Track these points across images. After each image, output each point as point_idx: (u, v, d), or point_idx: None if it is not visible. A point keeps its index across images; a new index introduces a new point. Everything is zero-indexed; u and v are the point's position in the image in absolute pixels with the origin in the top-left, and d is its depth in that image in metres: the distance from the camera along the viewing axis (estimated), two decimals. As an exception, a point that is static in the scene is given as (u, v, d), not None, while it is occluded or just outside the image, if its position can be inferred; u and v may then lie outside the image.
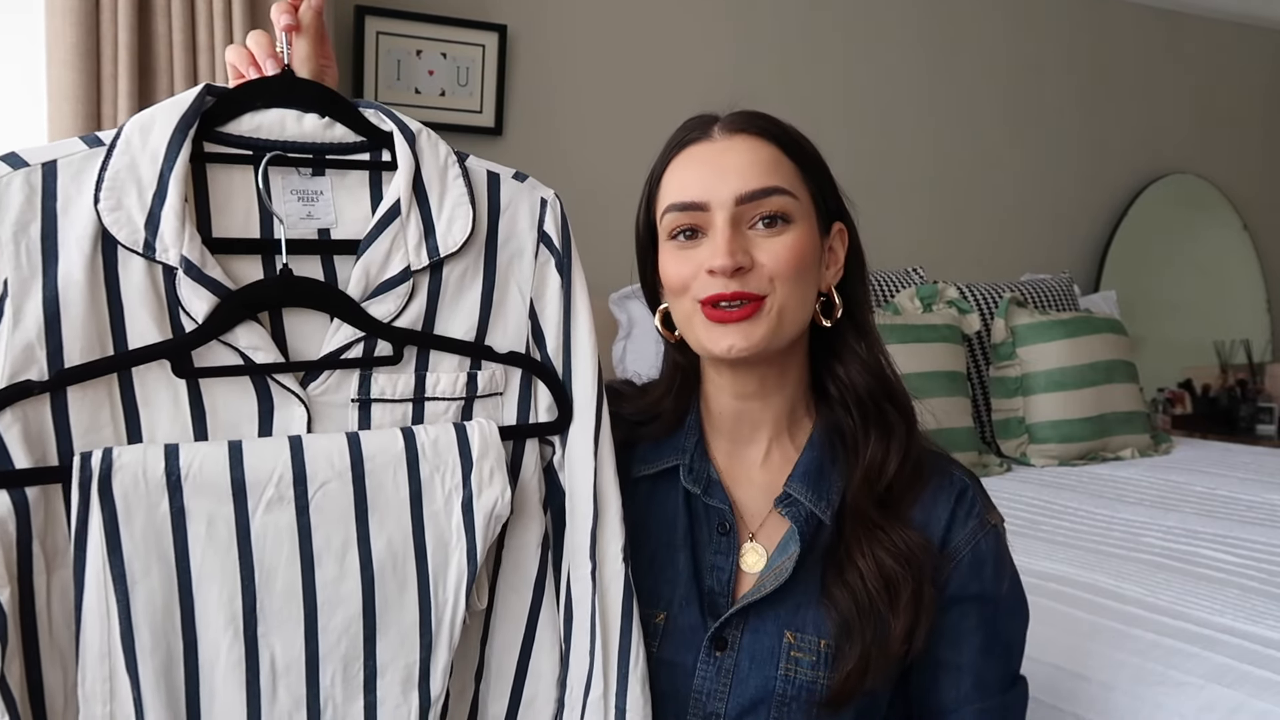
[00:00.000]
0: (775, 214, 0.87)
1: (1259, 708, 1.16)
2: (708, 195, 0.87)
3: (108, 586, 0.66)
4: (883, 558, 0.85)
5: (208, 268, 0.70)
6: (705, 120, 0.92)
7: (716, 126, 0.90)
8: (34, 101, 1.90)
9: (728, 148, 0.88)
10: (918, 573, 0.86)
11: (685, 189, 0.88)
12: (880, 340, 0.96)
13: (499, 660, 0.84)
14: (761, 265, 0.86)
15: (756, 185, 0.86)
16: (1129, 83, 3.58)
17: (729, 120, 0.91)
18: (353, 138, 0.79)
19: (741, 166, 0.87)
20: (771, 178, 0.87)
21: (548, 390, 0.83)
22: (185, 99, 0.73)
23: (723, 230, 0.86)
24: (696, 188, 0.88)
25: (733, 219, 0.86)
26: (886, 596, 0.85)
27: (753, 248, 0.86)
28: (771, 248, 0.86)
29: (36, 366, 0.67)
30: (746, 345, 0.86)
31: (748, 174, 0.87)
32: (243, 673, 0.69)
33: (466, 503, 0.76)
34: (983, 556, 0.91)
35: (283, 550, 0.70)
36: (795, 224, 0.88)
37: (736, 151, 0.88)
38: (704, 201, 0.87)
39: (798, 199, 0.88)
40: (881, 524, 0.88)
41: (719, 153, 0.88)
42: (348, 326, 0.75)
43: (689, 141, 0.91)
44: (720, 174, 0.87)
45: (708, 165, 0.88)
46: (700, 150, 0.90)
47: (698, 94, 1.72)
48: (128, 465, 0.66)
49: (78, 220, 0.68)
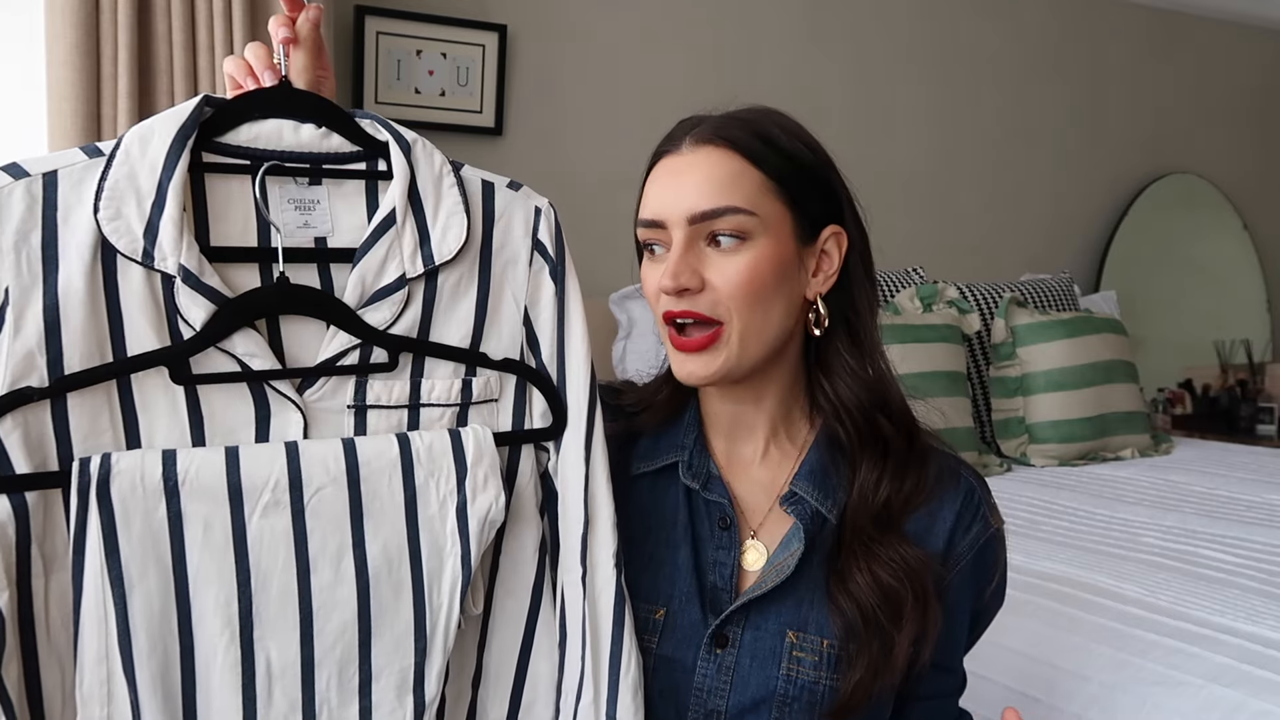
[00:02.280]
0: (729, 232, 0.85)
1: (1259, 708, 1.17)
2: (665, 213, 0.87)
3: (105, 590, 0.67)
4: (880, 573, 0.85)
5: (205, 276, 0.71)
6: (684, 127, 0.90)
7: (689, 137, 0.88)
8: (34, 101, 1.90)
9: (691, 163, 0.87)
10: (919, 587, 0.85)
11: (649, 204, 0.89)
12: (880, 349, 0.93)
13: (497, 665, 0.85)
14: (713, 285, 0.85)
15: (708, 205, 0.85)
16: (1128, 83, 3.57)
17: (700, 130, 0.88)
18: (349, 147, 0.79)
19: (698, 183, 0.86)
20: (725, 196, 0.85)
21: (542, 397, 0.84)
22: (184, 110, 0.74)
23: (676, 249, 0.85)
24: (657, 204, 0.88)
25: (687, 238, 0.85)
26: (887, 610, 0.84)
27: (708, 267, 0.85)
28: (724, 268, 0.85)
29: (37, 373, 0.67)
30: (705, 374, 0.87)
31: (702, 192, 0.85)
32: (239, 676, 0.70)
33: (461, 508, 0.76)
34: (983, 562, 0.92)
35: (279, 555, 0.71)
36: (753, 242, 0.85)
37: (697, 167, 0.86)
38: (661, 219, 0.87)
39: (757, 215, 0.85)
40: (879, 539, 0.87)
41: (682, 168, 0.87)
42: (344, 334, 0.76)
43: (663, 153, 0.90)
44: (678, 191, 0.86)
45: (670, 181, 0.88)
46: (669, 163, 0.89)
47: (698, 94, 1.71)
48: (126, 470, 0.67)
49: (78, 229, 0.69)
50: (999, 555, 0.94)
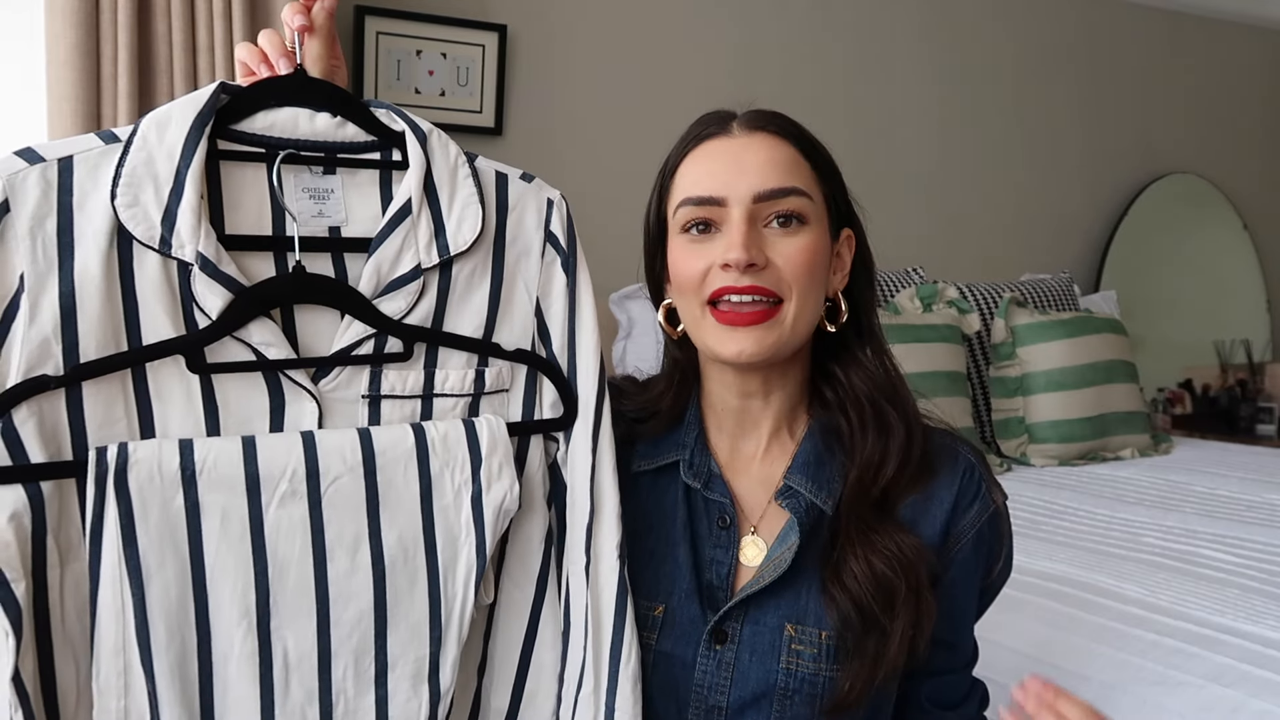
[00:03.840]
0: (791, 214, 0.87)
1: (1259, 708, 1.17)
2: (725, 190, 0.87)
3: (123, 581, 0.66)
4: (875, 562, 0.85)
5: (223, 264, 0.71)
6: (723, 116, 0.91)
7: (735, 122, 0.90)
8: (34, 101, 1.90)
9: (747, 144, 0.88)
10: (914, 577, 0.86)
11: (701, 183, 0.88)
12: (886, 345, 0.96)
13: (502, 654, 0.85)
14: (776, 265, 0.86)
15: (775, 184, 0.86)
16: (1129, 83, 3.58)
17: (748, 117, 0.90)
18: (364, 137, 0.79)
19: (761, 164, 0.87)
20: (790, 178, 0.87)
21: (552, 387, 0.84)
22: (201, 96, 0.73)
23: (739, 225, 0.85)
24: (713, 182, 0.87)
25: (749, 215, 0.86)
26: (881, 600, 0.85)
27: (767, 247, 0.86)
28: (786, 248, 0.86)
29: (53, 361, 0.67)
30: (757, 351, 0.86)
31: (767, 172, 0.87)
32: (256, 666, 0.70)
33: (476, 497, 0.76)
34: (986, 539, 0.92)
35: (295, 544, 0.71)
36: (809, 226, 0.88)
37: (756, 149, 0.88)
38: (721, 196, 0.87)
39: (813, 201, 0.88)
40: (876, 527, 0.88)
41: (738, 149, 0.88)
42: (359, 323, 0.76)
43: (706, 136, 0.90)
44: (739, 170, 0.87)
45: (726, 160, 0.88)
46: (718, 145, 0.89)
47: (698, 94, 1.71)
48: (143, 460, 0.67)
49: (94, 216, 0.69)
50: (1003, 531, 0.94)
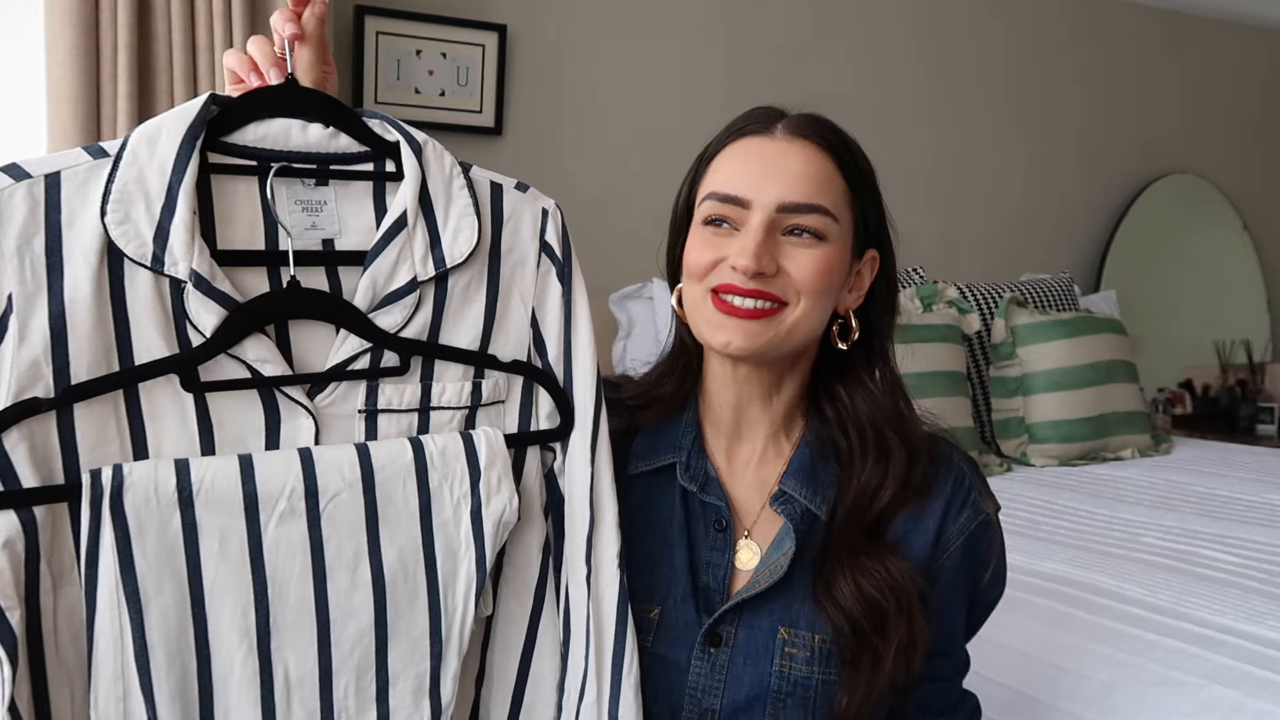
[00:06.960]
0: (810, 230, 0.86)
1: (1259, 708, 1.17)
2: (751, 193, 0.86)
3: (121, 606, 0.65)
4: (863, 584, 0.85)
5: (217, 281, 0.69)
6: (771, 114, 0.90)
7: (781, 124, 0.89)
8: (34, 102, 1.89)
9: (785, 149, 0.87)
10: (905, 600, 0.85)
11: (731, 180, 0.88)
12: (896, 371, 0.95)
13: (500, 665, 0.84)
14: (786, 272, 0.86)
15: (801, 199, 0.85)
16: (1128, 82, 3.58)
17: (794, 121, 0.89)
18: (357, 148, 0.78)
19: (794, 174, 0.86)
20: (819, 195, 0.86)
21: (549, 397, 0.83)
22: (191, 109, 0.72)
23: (755, 232, 0.85)
24: (742, 182, 0.87)
25: (769, 223, 0.85)
26: (871, 621, 0.84)
27: (781, 254, 0.86)
28: (800, 259, 0.86)
29: (43, 383, 0.66)
30: (745, 345, 0.86)
31: (797, 183, 0.86)
32: (257, 687, 0.69)
33: (475, 511, 0.76)
34: (974, 548, 0.92)
35: (295, 563, 0.70)
36: (828, 243, 0.87)
37: (792, 157, 0.87)
38: (746, 199, 0.86)
39: (838, 221, 0.87)
40: (865, 550, 0.87)
41: (776, 152, 0.87)
42: (355, 338, 0.75)
43: (749, 131, 0.89)
44: (770, 175, 0.86)
45: (760, 162, 0.87)
46: (757, 144, 0.88)
47: (697, 94, 1.74)
48: (139, 482, 0.65)
49: (84, 233, 0.67)
50: (992, 540, 0.94)
